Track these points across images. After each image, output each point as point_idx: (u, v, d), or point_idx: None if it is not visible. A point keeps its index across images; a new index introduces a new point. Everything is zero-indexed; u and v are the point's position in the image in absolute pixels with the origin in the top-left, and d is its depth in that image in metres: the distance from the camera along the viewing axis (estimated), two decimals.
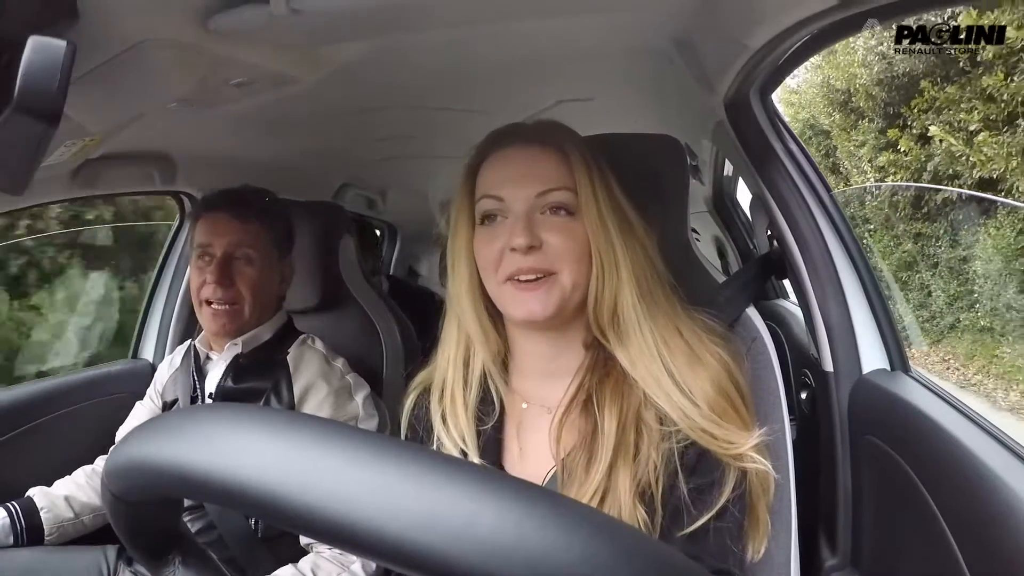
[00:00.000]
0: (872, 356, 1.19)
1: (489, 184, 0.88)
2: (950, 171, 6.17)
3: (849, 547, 1.18)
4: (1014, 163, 5.46)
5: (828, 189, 1.28)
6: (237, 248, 1.42)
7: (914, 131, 6.60)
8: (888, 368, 1.18)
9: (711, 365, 0.83)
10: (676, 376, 0.82)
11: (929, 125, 6.19)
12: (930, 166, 6.32)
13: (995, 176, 5.67)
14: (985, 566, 0.81)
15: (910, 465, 0.98)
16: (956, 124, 5.98)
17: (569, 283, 0.84)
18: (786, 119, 1.36)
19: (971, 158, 5.76)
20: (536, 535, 0.31)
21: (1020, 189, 5.53)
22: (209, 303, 1.42)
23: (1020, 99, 5.43)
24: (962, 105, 5.94)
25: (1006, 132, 5.56)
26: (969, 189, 6.11)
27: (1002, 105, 5.56)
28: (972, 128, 5.79)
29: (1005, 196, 5.70)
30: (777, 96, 1.31)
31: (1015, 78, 5.41)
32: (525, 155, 0.88)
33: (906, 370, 1.18)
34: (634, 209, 0.89)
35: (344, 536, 0.32)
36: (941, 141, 6.00)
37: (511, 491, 0.32)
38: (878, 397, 1.12)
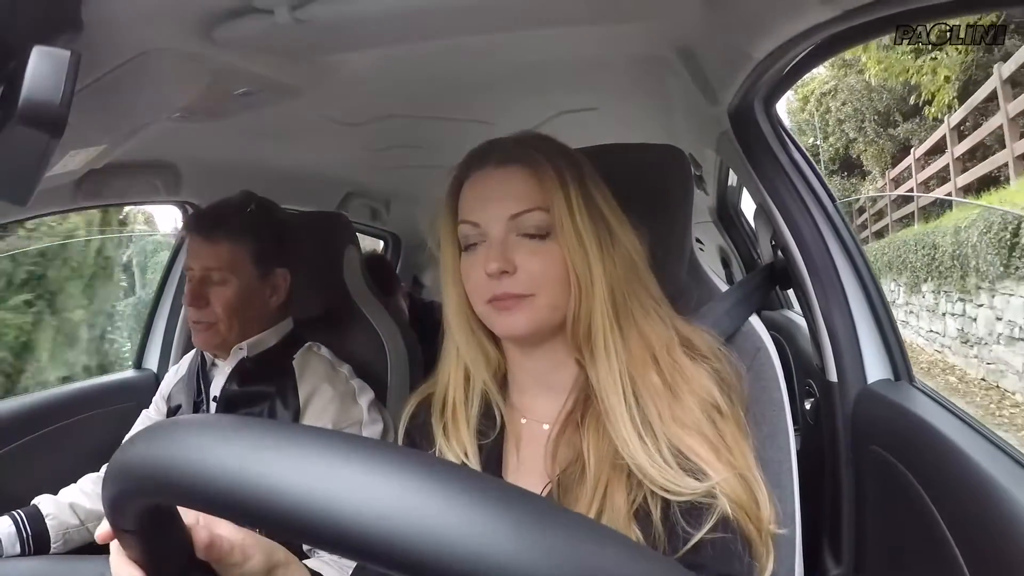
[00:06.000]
0: (876, 366, 1.18)
1: (466, 209, 0.86)
2: None
3: (853, 557, 1.18)
4: None
5: (832, 199, 1.28)
6: (210, 271, 1.41)
7: None
8: (892, 378, 1.18)
9: (684, 399, 0.80)
10: (633, 409, 0.80)
11: None
12: None
13: None
14: None
15: (914, 475, 0.98)
16: None
17: (546, 304, 0.82)
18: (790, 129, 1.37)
19: None
20: (526, 539, 0.31)
21: None
22: (194, 321, 1.43)
23: None
24: None
25: None
26: None
27: None
28: None
29: None
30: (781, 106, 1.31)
31: None
32: (499, 175, 0.85)
33: (911, 380, 1.18)
34: (621, 220, 0.86)
35: (328, 538, 0.32)
36: None
37: (503, 495, 0.32)
38: (882, 407, 1.11)
